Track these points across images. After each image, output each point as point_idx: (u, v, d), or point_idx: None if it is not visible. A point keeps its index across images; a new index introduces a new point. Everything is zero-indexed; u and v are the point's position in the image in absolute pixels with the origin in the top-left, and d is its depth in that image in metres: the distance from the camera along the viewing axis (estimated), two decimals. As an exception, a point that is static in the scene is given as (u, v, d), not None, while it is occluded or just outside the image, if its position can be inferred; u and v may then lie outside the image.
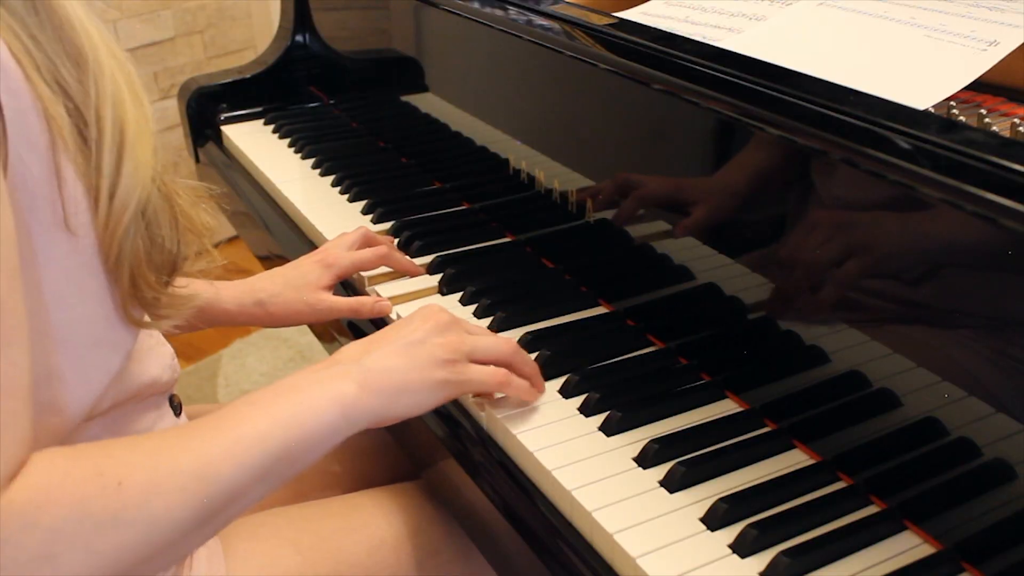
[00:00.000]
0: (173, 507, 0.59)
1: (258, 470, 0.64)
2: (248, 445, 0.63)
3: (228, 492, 0.62)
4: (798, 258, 0.77)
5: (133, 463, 0.59)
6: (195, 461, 0.61)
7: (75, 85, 0.58)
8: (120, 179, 0.60)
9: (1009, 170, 0.60)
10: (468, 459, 0.82)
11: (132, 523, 0.57)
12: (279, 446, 0.65)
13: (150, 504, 0.58)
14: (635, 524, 0.70)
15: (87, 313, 0.62)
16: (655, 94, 0.86)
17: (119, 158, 0.60)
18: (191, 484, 0.60)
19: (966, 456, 0.66)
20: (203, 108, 1.57)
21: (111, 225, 0.60)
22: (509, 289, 1.02)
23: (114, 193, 0.60)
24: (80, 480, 0.56)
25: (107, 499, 0.56)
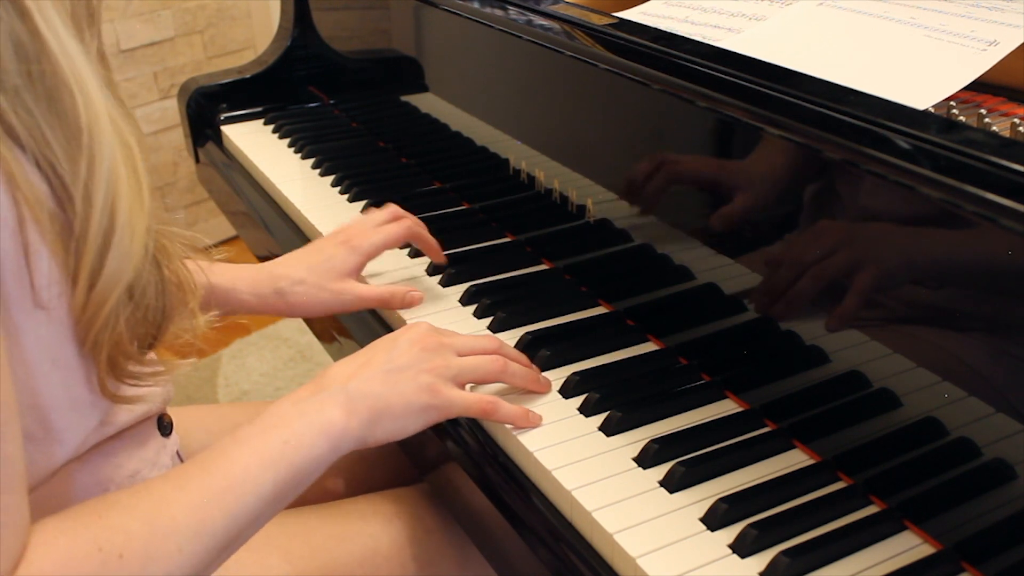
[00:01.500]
0: (172, 568, 0.59)
1: (251, 515, 0.64)
2: (240, 493, 0.63)
3: (223, 541, 0.63)
4: (799, 259, 0.77)
5: (130, 531, 0.59)
6: (189, 518, 0.61)
7: (64, 157, 0.55)
8: (104, 266, 0.57)
9: (1009, 170, 0.60)
10: (468, 460, 0.82)
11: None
12: (271, 489, 0.65)
13: (149, 570, 0.58)
14: (635, 524, 0.70)
15: (64, 379, 0.60)
16: (655, 94, 0.86)
17: (105, 244, 0.57)
18: (187, 544, 0.60)
19: (966, 456, 0.66)
20: (203, 108, 1.57)
21: (89, 312, 0.58)
22: (509, 289, 1.02)
23: (95, 280, 0.57)
24: (82, 559, 0.56)
25: (111, 572, 0.57)
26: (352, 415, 0.71)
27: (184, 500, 0.62)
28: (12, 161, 0.53)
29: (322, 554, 0.88)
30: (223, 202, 1.53)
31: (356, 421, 0.71)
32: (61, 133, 0.55)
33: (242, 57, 2.73)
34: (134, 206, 0.58)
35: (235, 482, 0.63)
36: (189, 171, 2.68)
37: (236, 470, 0.64)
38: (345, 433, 0.71)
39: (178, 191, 2.72)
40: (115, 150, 0.57)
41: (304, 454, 0.68)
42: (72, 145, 0.55)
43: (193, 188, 2.71)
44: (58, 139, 0.55)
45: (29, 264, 0.55)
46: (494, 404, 0.79)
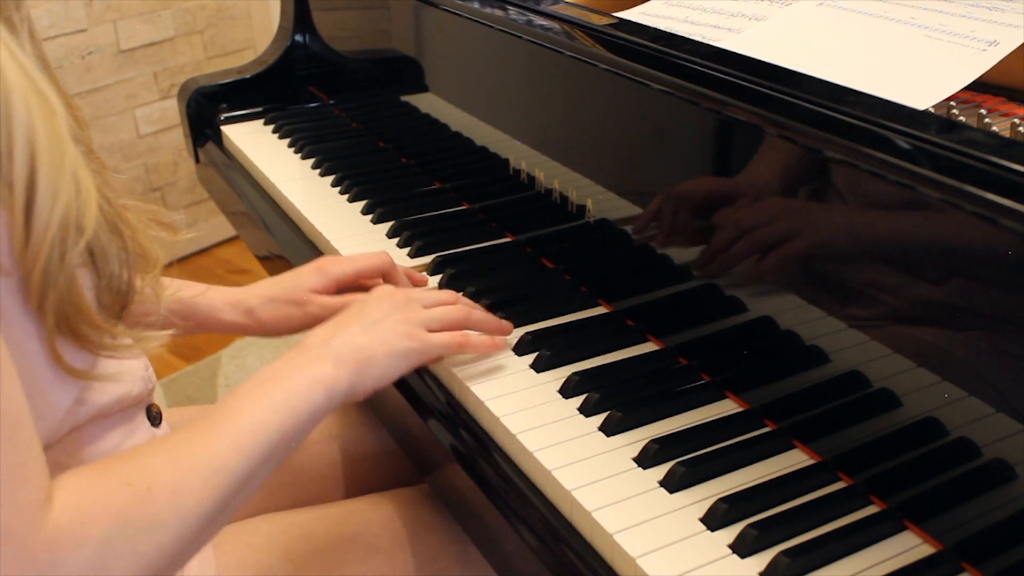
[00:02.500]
0: (198, 502, 0.63)
1: (263, 456, 0.68)
2: (251, 435, 0.68)
3: (240, 480, 0.66)
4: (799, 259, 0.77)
5: (155, 469, 0.63)
6: (209, 457, 0.65)
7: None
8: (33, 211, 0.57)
9: (1009, 170, 0.60)
10: (468, 460, 0.82)
11: (167, 523, 0.61)
12: (277, 431, 0.70)
13: (178, 503, 0.62)
14: (635, 524, 0.70)
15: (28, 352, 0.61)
16: (655, 94, 0.86)
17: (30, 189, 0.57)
18: (210, 479, 0.64)
19: (966, 456, 0.66)
20: (203, 108, 1.57)
21: (29, 260, 0.58)
22: (509, 289, 1.02)
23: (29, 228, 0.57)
24: (114, 492, 0.60)
25: (141, 505, 0.60)
26: (340, 366, 0.76)
27: (201, 442, 0.66)
28: None
29: (323, 554, 0.88)
30: (223, 202, 1.53)
31: (345, 372, 0.76)
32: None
33: (242, 57, 2.73)
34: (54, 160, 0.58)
35: (244, 427, 0.68)
36: (189, 171, 2.68)
37: (244, 418, 0.69)
38: (336, 383, 0.75)
39: (178, 191, 2.72)
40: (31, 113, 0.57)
41: (303, 401, 0.72)
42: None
43: (193, 188, 2.71)
44: None
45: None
46: (465, 336, 0.87)
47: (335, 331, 0.80)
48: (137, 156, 2.62)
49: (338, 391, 0.75)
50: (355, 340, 0.79)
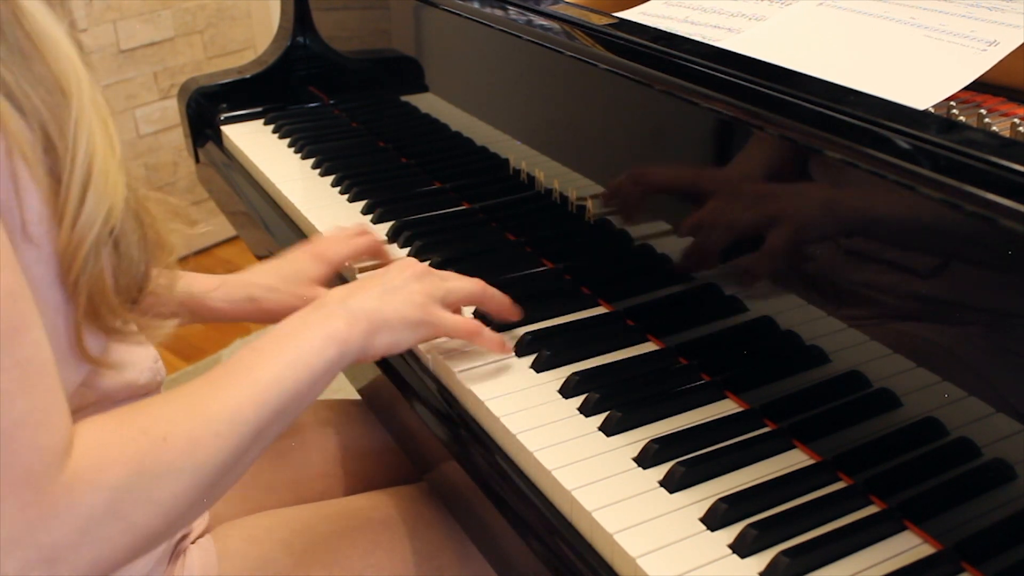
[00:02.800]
0: (213, 452, 0.65)
1: (277, 408, 0.70)
2: (265, 387, 0.69)
3: (255, 431, 0.68)
4: (799, 259, 0.77)
5: (171, 418, 0.64)
6: (224, 408, 0.67)
7: (46, 110, 0.60)
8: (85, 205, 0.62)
9: (1009, 170, 0.60)
10: (468, 459, 0.82)
11: (182, 471, 0.63)
12: (291, 385, 0.71)
13: (194, 452, 0.64)
14: (635, 524, 0.70)
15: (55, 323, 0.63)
16: (655, 94, 0.86)
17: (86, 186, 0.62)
18: (225, 429, 0.66)
19: (966, 456, 0.66)
20: (203, 108, 1.57)
21: (72, 248, 0.62)
22: (509, 289, 1.01)
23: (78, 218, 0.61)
24: (130, 440, 0.61)
25: (158, 454, 0.62)
26: (353, 325, 0.77)
27: (217, 394, 0.68)
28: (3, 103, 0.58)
29: (325, 548, 0.89)
30: (223, 202, 1.53)
31: (357, 331, 0.77)
32: (43, 89, 0.60)
33: (242, 57, 2.73)
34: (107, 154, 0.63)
35: (260, 381, 0.69)
36: (189, 171, 2.68)
37: (259, 372, 0.70)
38: (348, 341, 0.76)
39: (178, 191, 2.72)
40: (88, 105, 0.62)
41: (316, 357, 0.74)
42: (53, 100, 0.60)
43: (193, 188, 2.70)
44: (40, 94, 0.60)
45: (19, 198, 0.59)
46: (479, 326, 0.87)
47: (353, 291, 0.82)
48: (137, 156, 2.62)
49: (350, 349, 0.76)
50: (370, 303, 0.80)
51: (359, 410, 1.13)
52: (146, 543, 0.62)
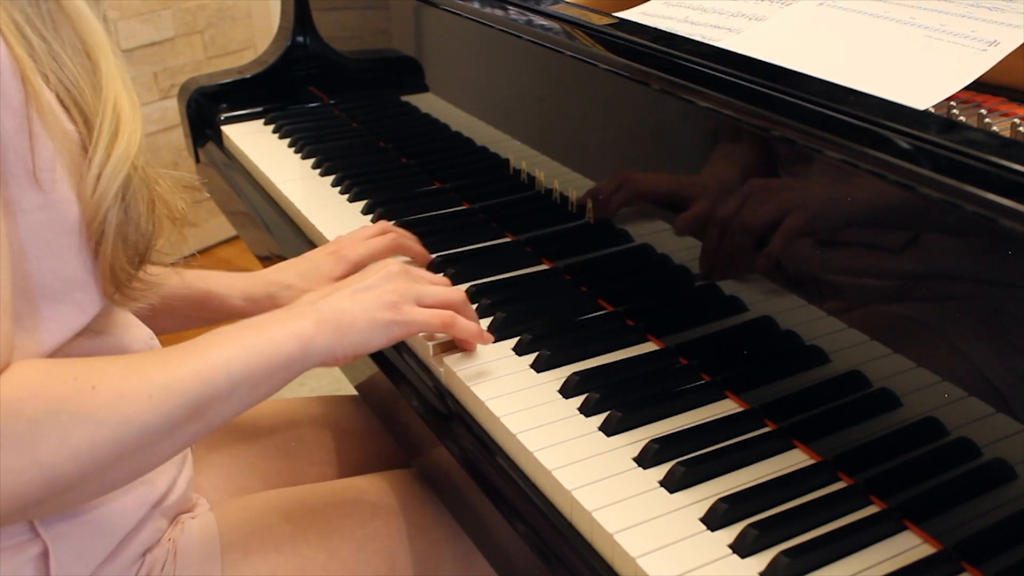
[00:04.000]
0: (141, 412, 0.65)
1: (221, 389, 0.69)
2: (212, 366, 0.69)
3: (192, 405, 0.68)
4: (799, 259, 0.77)
5: (107, 372, 0.65)
6: (164, 375, 0.67)
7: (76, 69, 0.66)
8: (113, 154, 0.67)
9: (1009, 170, 0.60)
10: (468, 459, 0.82)
11: (103, 422, 0.63)
12: (241, 370, 0.71)
13: (119, 406, 0.64)
14: (635, 524, 0.70)
15: (50, 267, 0.66)
16: (655, 94, 0.86)
17: (115, 136, 0.67)
18: (158, 393, 0.66)
19: (966, 456, 0.66)
20: (203, 108, 1.57)
21: (98, 195, 0.66)
22: (509, 289, 1.02)
23: (105, 166, 0.66)
24: (57, 382, 0.63)
25: (82, 399, 0.63)
26: (320, 325, 0.77)
27: (162, 362, 0.68)
28: (25, 59, 0.63)
29: (322, 517, 0.90)
30: (223, 202, 1.53)
31: (324, 332, 0.77)
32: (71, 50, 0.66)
33: (242, 57, 2.73)
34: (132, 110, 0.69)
35: (209, 358, 0.70)
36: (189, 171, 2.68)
37: (211, 351, 0.70)
38: (313, 341, 0.76)
39: (178, 191, 2.71)
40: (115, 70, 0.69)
41: (275, 349, 0.73)
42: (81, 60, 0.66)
43: (193, 188, 2.70)
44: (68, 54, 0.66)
45: (32, 146, 0.63)
46: (452, 317, 0.85)
47: (326, 293, 0.82)
48: (137, 156, 2.62)
49: (315, 349, 0.76)
50: (341, 303, 0.79)
51: (353, 403, 1.13)
52: (57, 487, 0.62)
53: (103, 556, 0.77)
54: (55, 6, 0.66)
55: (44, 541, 0.73)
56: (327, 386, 1.99)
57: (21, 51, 0.63)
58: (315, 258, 1.03)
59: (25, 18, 0.64)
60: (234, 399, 0.71)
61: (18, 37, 0.64)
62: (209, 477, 0.99)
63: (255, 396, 0.73)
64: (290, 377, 0.75)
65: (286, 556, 0.86)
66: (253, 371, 0.71)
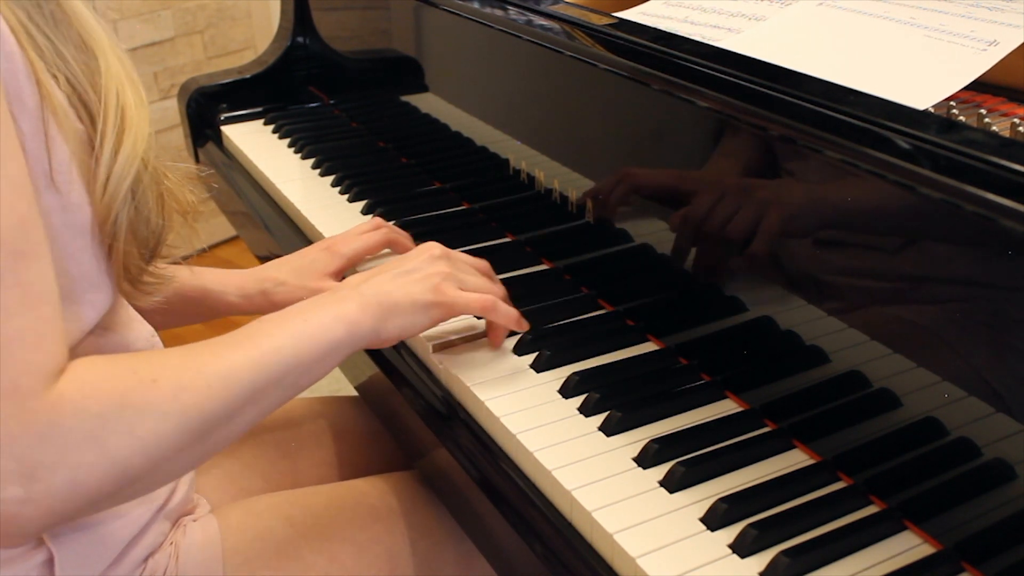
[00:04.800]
0: (201, 402, 0.66)
1: (274, 376, 0.71)
2: (264, 353, 0.71)
3: (248, 393, 0.69)
4: (800, 259, 0.77)
5: (164, 364, 0.67)
6: (219, 365, 0.68)
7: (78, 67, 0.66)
8: (121, 151, 0.67)
9: (1009, 170, 0.60)
10: (467, 459, 0.82)
11: (167, 413, 0.64)
12: (292, 356, 0.72)
13: (180, 398, 0.65)
14: (635, 524, 0.70)
15: (67, 269, 0.67)
16: (655, 94, 0.86)
17: (121, 133, 0.67)
18: (216, 384, 0.67)
19: (966, 456, 0.66)
20: (203, 108, 1.57)
21: (109, 193, 0.67)
22: (509, 289, 1.01)
23: (114, 164, 0.67)
24: (119, 376, 0.64)
25: (144, 392, 0.64)
26: (365, 309, 0.78)
27: (216, 351, 0.70)
28: (36, 61, 0.64)
29: (324, 520, 0.90)
30: (223, 202, 1.53)
31: (369, 315, 0.78)
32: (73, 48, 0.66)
33: (242, 57, 2.73)
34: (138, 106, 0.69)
35: (261, 345, 0.71)
36: (189, 171, 2.67)
37: (261, 338, 0.72)
38: (359, 324, 0.77)
39: (178, 191, 2.71)
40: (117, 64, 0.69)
41: (323, 334, 0.75)
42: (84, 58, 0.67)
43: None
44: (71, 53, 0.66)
45: (48, 148, 0.64)
46: (493, 301, 0.86)
47: (369, 276, 0.83)
48: (137, 156, 2.62)
49: (361, 332, 0.77)
50: (384, 286, 0.81)
51: (353, 403, 1.13)
52: (124, 478, 0.63)
53: (107, 563, 0.77)
54: (55, 6, 0.66)
55: (50, 548, 0.73)
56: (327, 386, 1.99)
57: (32, 53, 0.64)
58: (309, 254, 1.04)
59: (29, 18, 0.64)
60: (287, 384, 0.72)
61: (27, 37, 0.64)
62: (210, 477, 0.99)
63: (307, 380, 0.74)
64: (339, 360, 0.77)
65: (288, 560, 0.86)
66: (303, 356, 0.73)
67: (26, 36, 0.64)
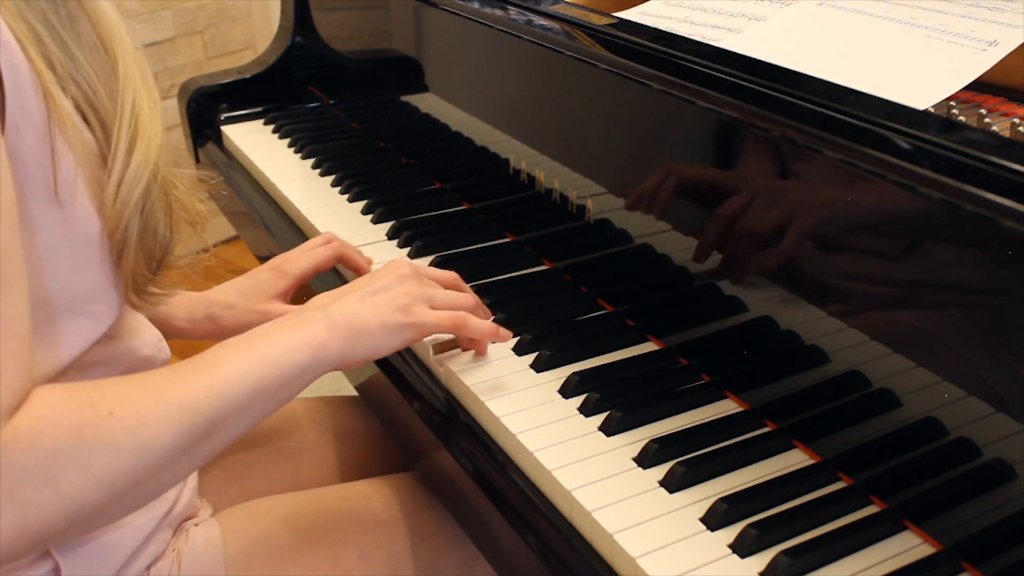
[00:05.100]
0: (159, 435, 0.64)
1: (236, 403, 0.68)
2: (226, 380, 0.68)
3: (209, 422, 0.67)
4: (800, 259, 0.77)
5: (122, 396, 0.64)
6: (179, 394, 0.66)
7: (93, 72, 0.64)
8: (132, 160, 0.66)
9: (1009, 170, 0.60)
10: (467, 459, 0.82)
11: (122, 448, 0.62)
12: (255, 382, 0.70)
13: (137, 431, 0.63)
14: (635, 524, 0.70)
15: (69, 282, 0.66)
16: (655, 94, 0.86)
17: (133, 141, 0.66)
18: (174, 414, 0.65)
19: (966, 456, 0.66)
20: (203, 108, 1.57)
21: (120, 203, 0.66)
22: (509, 290, 1.02)
23: (125, 173, 0.65)
24: (75, 410, 0.61)
25: (99, 426, 0.61)
26: (332, 331, 0.75)
27: (175, 380, 0.67)
28: (45, 72, 0.62)
29: (326, 525, 0.90)
30: (223, 202, 1.53)
31: (337, 337, 0.75)
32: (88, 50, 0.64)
33: (242, 57, 2.73)
34: (152, 112, 0.68)
35: (222, 373, 0.68)
36: (189, 171, 2.68)
37: (223, 365, 0.69)
38: (326, 347, 0.75)
39: (178, 191, 2.71)
40: (133, 68, 0.67)
41: (288, 358, 0.72)
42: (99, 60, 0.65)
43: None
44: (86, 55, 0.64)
45: (54, 162, 0.62)
46: (464, 318, 0.84)
47: (335, 297, 0.81)
48: (137, 156, 2.62)
49: (327, 355, 0.75)
50: (351, 307, 0.78)
51: (354, 404, 1.13)
52: (80, 517, 0.61)
53: (112, 572, 0.77)
54: (75, 5, 0.64)
55: (55, 559, 0.73)
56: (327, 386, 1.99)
57: (41, 64, 0.62)
58: (258, 275, 1.01)
59: (42, 20, 0.62)
60: (250, 411, 0.70)
61: (36, 44, 0.62)
62: (211, 478, 0.99)
63: (270, 406, 0.72)
64: (304, 384, 0.74)
65: (290, 565, 0.86)
66: (268, 382, 0.70)
67: (35, 44, 0.62)
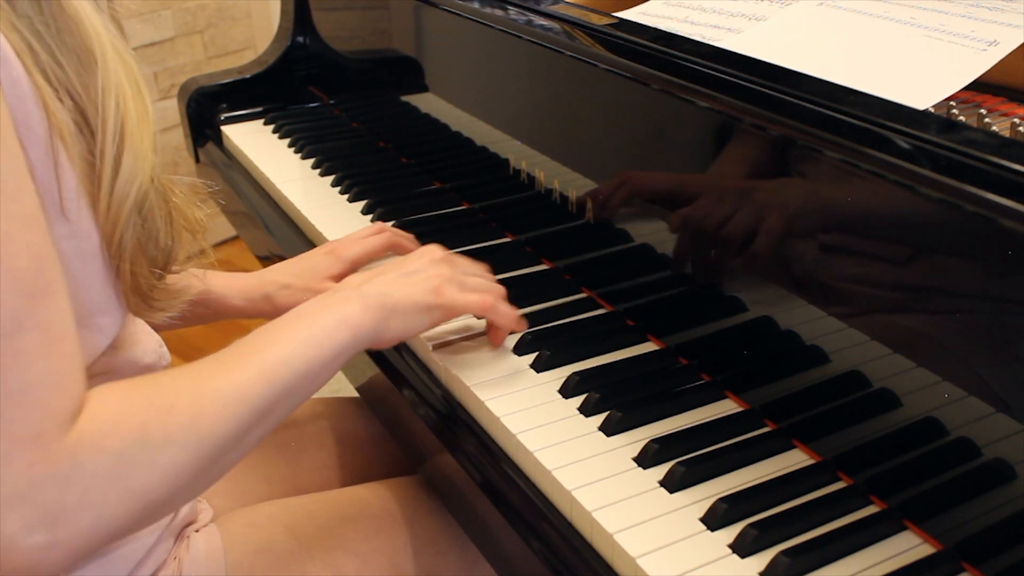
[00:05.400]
0: (217, 426, 0.65)
1: (286, 387, 0.70)
2: (275, 366, 0.70)
3: (261, 408, 0.68)
4: (800, 259, 0.77)
5: (178, 390, 0.65)
6: (232, 384, 0.67)
7: (77, 80, 0.64)
8: (121, 169, 0.65)
9: (1009, 170, 0.60)
10: (467, 459, 0.82)
11: (185, 442, 0.64)
12: (301, 365, 0.72)
13: (197, 424, 0.64)
14: (635, 524, 0.70)
15: (77, 295, 0.66)
16: (655, 94, 0.86)
17: (120, 149, 0.65)
18: (231, 405, 0.66)
19: (966, 456, 0.66)
20: (203, 108, 1.57)
21: (112, 212, 0.65)
22: (508, 289, 1.01)
23: (115, 182, 0.65)
24: (137, 409, 0.63)
25: (162, 423, 0.63)
26: (367, 311, 0.78)
27: (226, 370, 0.68)
28: (43, 85, 0.61)
29: (327, 532, 0.90)
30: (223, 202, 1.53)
31: (370, 316, 0.78)
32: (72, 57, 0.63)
33: (242, 57, 2.73)
34: (141, 118, 0.67)
35: (269, 359, 0.70)
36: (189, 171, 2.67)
37: (269, 351, 0.71)
38: (362, 326, 0.77)
39: (178, 191, 2.71)
40: (119, 70, 0.66)
41: (328, 339, 0.74)
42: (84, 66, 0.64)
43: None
44: (71, 63, 0.63)
45: (57, 176, 0.62)
46: (494, 301, 0.86)
47: (369, 277, 0.83)
48: (137, 156, 2.62)
49: (363, 334, 0.77)
50: (384, 288, 0.81)
51: (356, 405, 1.13)
52: (146, 511, 0.63)
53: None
54: (58, 8, 0.63)
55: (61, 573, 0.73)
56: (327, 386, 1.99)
57: (38, 76, 0.61)
58: (312, 257, 1.04)
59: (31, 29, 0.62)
60: (297, 393, 0.72)
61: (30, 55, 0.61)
62: None
63: (314, 387, 0.74)
64: (343, 363, 0.77)
65: (291, 573, 0.86)
66: (312, 364, 0.72)
67: (30, 54, 0.61)
